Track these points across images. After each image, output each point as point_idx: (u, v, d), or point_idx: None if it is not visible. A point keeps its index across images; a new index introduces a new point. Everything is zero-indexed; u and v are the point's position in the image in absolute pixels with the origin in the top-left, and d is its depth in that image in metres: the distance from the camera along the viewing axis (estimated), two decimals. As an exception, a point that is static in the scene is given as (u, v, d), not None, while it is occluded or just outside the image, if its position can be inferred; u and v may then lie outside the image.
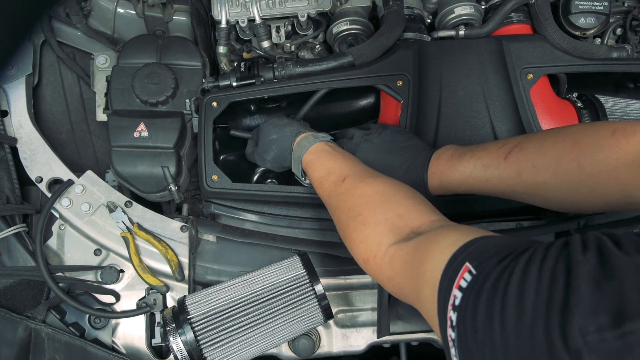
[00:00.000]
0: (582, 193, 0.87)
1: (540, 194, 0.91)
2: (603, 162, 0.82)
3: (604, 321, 0.40)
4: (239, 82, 1.23)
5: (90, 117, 1.48)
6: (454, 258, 0.63)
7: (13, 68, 1.33)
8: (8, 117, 1.30)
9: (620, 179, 0.81)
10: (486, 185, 0.97)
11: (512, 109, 1.19)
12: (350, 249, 0.91)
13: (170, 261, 1.18)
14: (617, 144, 0.81)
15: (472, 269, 0.58)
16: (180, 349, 0.99)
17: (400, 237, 0.81)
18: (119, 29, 1.43)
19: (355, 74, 1.21)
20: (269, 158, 1.16)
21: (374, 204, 0.89)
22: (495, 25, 1.27)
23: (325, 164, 1.03)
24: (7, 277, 1.17)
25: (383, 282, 0.84)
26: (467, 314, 0.54)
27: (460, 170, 1.00)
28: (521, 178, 0.91)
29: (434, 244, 0.70)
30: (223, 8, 1.25)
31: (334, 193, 0.97)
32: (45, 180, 1.26)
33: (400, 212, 0.85)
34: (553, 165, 0.87)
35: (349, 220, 0.90)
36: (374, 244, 0.84)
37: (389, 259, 0.80)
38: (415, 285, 0.71)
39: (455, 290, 0.58)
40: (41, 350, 1.14)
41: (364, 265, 0.87)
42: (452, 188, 1.03)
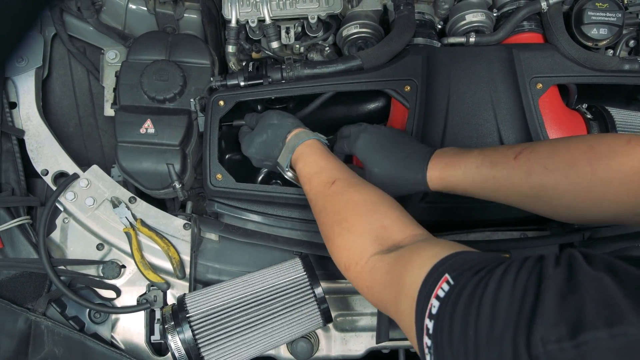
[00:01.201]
0: (591, 199, 0.84)
1: (548, 198, 0.88)
2: (617, 168, 0.80)
3: (563, 332, 0.43)
4: (246, 82, 1.23)
5: (98, 112, 1.49)
6: (434, 269, 0.64)
7: (23, 60, 1.33)
8: (17, 109, 1.30)
9: (633, 187, 0.80)
10: (491, 183, 0.93)
11: (520, 118, 1.18)
12: (332, 253, 0.92)
13: (172, 258, 1.19)
14: (632, 152, 0.80)
15: (450, 280, 0.60)
16: (178, 347, 0.99)
17: (383, 248, 0.82)
18: (130, 24, 1.43)
19: (363, 78, 1.20)
20: (259, 141, 1.13)
21: (361, 211, 0.90)
22: (506, 33, 1.26)
23: (319, 161, 1.03)
24: (9, 268, 1.18)
25: (362, 291, 0.85)
26: (444, 322, 0.56)
27: (466, 163, 0.96)
28: (530, 179, 0.88)
29: (414, 256, 0.72)
30: (233, 7, 1.24)
31: (322, 193, 0.97)
32: (51, 173, 1.26)
33: (385, 223, 0.86)
34: (565, 167, 0.85)
35: (334, 225, 0.91)
36: (357, 251, 0.85)
37: (370, 268, 0.81)
38: (395, 296, 0.73)
39: (433, 299, 0.60)
40: (40, 342, 1.15)
41: (344, 272, 0.88)
42: (453, 182, 0.98)
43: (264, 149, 1.14)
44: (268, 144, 1.13)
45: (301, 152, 1.07)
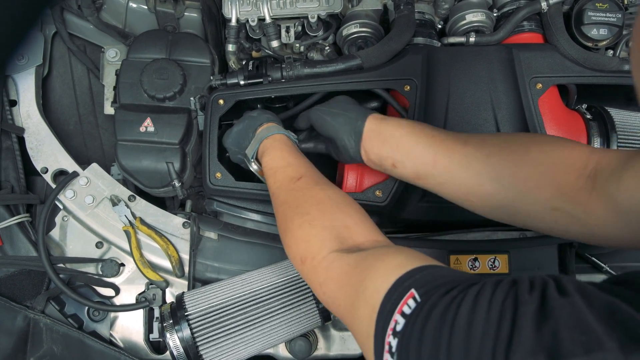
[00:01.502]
0: (515, 191, 0.90)
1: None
2: (540, 160, 0.88)
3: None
4: (246, 81, 1.23)
5: (98, 110, 1.49)
6: (399, 282, 0.62)
7: (23, 58, 1.33)
8: (17, 106, 1.31)
9: (551, 180, 0.87)
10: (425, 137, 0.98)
11: (519, 117, 1.18)
12: (288, 244, 0.89)
13: (171, 257, 1.19)
14: (563, 144, 0.90)
15: (417, 296, 0.57)
16: (176, 346, 0.99)
17: (343, 247, 0.80)
18: (130, 23, 1.44)
19: (363, 77, 1.21)
20: (235, 130, 1.14)
21: (325, 208, 0.88)
22: (506, 33, 1.26)
23: (286, 156, 1.02)
24: (8, 266, 1.18)
25: (314, 287, 0.83)
26: (411, 341, 0.54)
27: (403, 122, 1.02)
28: (469, 168, 0.94)
29: (378, 262, 0.69)
30: (234, 6, 1.25)
31: (286, 187, 0.96)
32: (51, 171, 1.26)
33: (347, 223, 0.85)
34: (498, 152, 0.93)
35: (295, 216, 0.89)
36: (316, 245, 0.83)
37: (327, 263, 0.79)
38: (352, 300, 0.70)
39: (397, 315, 0.58)
40: (39, 340, 1.15)
41: (299, 265, 0.86)
42: (387, 133, 1.02)
43: (237, 139, 1.14)
44: (241, 134, 1.13)
45: (269, 145, 1.06)
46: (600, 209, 0.83)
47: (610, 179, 0.82)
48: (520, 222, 0.94)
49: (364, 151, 1.05)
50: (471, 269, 1.15)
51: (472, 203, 0.96)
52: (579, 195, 0.85)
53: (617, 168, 0.83)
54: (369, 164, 1.07)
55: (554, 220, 0.89)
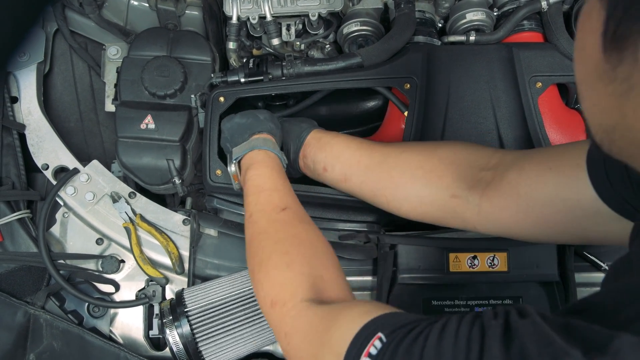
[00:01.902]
0: (419, 180, 1.01)
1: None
2: (440, 153, 1.01)
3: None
4: (247, 79, 1.23)
5: (99, 107, 1.49)
6: (365, 327, 0.62)
7: (25, 55, 1.34)
8: (18, 103, 1.31)
9: (449, 168, 0.97)
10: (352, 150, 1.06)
11: (519, 116, 1.19)
12: (260, 282, 0.86)
13: (171, 254, 1.19)
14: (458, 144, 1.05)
15: (383, 337, 0.58)
16: (176, 342, 1.00)
17: (315, 298, 0.79)
18: (132, 20, 1.44)
19: (363, 75, 1.21)
20: (237, 121, 1.11)
21: (305, 252, 0.86)
22: (507, 32, 1.26)
23: (275, 179, 0.99)
24: (8, 262, 1.18)
25: (279, 335, 0.80)
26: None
27: (341, 134, 1.11)
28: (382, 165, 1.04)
29: (345, 311, 0.69)
30: (235, 4, 1.25)
31: (268, 215, 0.93)
32: (52, 167, 1.27)
33: (323, 275, 0.83)
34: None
35: (274, 253, 0.86)
36: (289, 291, 0.80)
37: (295, 312, 0.77)
38: (316, 351, 0.69)
39: (364, 358, 0.58)
40: (39, 336, 1.15)
41: (267, 307, 0.83)
42: (324, 140, 1.09)
43: (235, 131, 1.10)
44: (240, 128, 1.09)
45: (260, 159, 1.02)
46: (497, 196, 0.90)
47: (511, 168, 0.89)
48: (427, 214, 1.02)
49: (302, 155, 1.12)
50: (470, 266, 1.15)
51: (386, 197, 1.04)
52: (478, 184, 0.93)
53: (518, 160, 0.89)
54: (305, 170, 1.14)
55: (453, 208, 0.96)
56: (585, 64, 0.50)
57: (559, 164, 0.84)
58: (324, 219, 1.22)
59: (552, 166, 0.84)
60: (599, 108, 0.50)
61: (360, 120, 1.39)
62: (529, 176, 0.86)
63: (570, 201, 0.82)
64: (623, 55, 0.44)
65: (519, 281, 1.16)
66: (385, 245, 1.17)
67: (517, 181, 0.87)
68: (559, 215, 0.84)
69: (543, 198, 0.85)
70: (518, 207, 0.88)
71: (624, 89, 0.45)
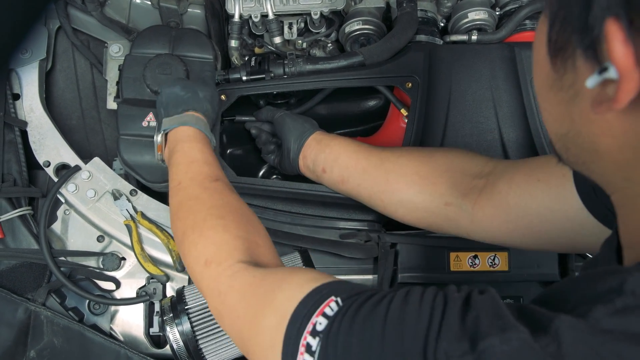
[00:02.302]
0: (414, 188, 1.04)
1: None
2: (436, 160, 1.05)
3: (466, 347, 0.45)
4: (248, 77, 1.23)
5: (101, 105, 1.49)
6: (317, 290, 0.60)
7: (27, 52, 1.34)
8: (20, 100, 1.31)
9: (446, 176, 0.99)
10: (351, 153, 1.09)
11: (521, 116, 1.19)
12: (194, 242, 0.84)
13: (172, 251, 1.19)
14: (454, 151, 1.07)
15: (339, 301, 0.56)
16: (176, 339, 1.00)
17: (251, 261, 0.78)
18: (134, 18, 1.44)
19: (365, 74, 1.21)
20: (176, 90, 1.07)
21: (239, 218, 0.86)
22: (509, 31, 1.26)
23: (207, 154, 0.98)
24: (10, 258, 1.18)
25: (212, 294, 0.78)
26: (338, 337, 0.53)
27: (341, 137, 1.13)
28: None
29: (290, 276, 0.67)
30: (237, 2, 1.25)
31: (201, 183, 0.92)
32: (53, 164, 1.27)
33: (258, 241, 0.83)
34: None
35: (209, 217, 0.85)
36: (225, 251, 0.79)
37: (232, 272, 0.75)
38: (255, 311, 0.67)
39: (318, 317, 0.56)
40: (40, 332, 1.15)
41: (201, 266, 0.80)
42: (325, 142, 1.12)
43: (172, 100, 1.06)
44: (178, 100, 1.05)
45: (192, 135, 1.00)
46: (489, 205, 0.92)
47: (502, 178, 0.92)
48: (421, 220, 1.04)
49: (303, 156, 1.15)
50: (471, 266, 1.15)
51: (382, 201, 1.06)
52: (471, 192, 0.96)
53: (509, 169, 0.92)
54: (304, 170, 1.16)
55: (446, 215, 0.99)
56: (539, 75, 0.53)
57: (547, 176, 0.86)
58: (325, 218, 1.22)
59: (540, 177, 0.87)
60: (553, 117, 0.53)
61: (361, 119, 1.40)
62: (518, 186, 0.89)
63: (558, 212, 0.84)
64: (566, 64, 0.47)
65: (520, 281, 1.16)
66: (386, 244, 1.17)
67: (507, 192, 0.90)
68: (547, 225, 0.87)
69: (531, 209, 0.87)
70: (508, 217, 0.90)
71: (570, 95, 0.48)
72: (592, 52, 0.43)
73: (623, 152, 0.46)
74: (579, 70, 0.46)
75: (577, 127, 0.49)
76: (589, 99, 0.45)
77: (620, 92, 0.41)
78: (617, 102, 0.42)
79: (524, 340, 0.43)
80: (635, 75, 0.40)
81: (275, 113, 1.23)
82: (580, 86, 0.46)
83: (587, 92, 0.45)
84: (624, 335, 0.41)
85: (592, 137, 0.48)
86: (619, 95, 0.41)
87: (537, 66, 0.53)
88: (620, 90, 0.41)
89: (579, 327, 0.42)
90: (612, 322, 0.42)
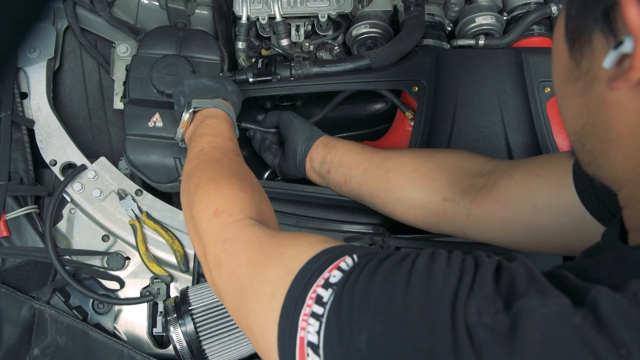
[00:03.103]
0: (413, 185, 1.05)
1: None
2: (436, 159, 1.06)
3: (500, 306, 0.43)
4: (255, 79, 1.23)
5: (107, 105, 1.50)
6: (329, 250, 0.57)
7: (35, 51, 1.35)
8: (27, 99, 1.32)
9: (444, 173, 1.01)
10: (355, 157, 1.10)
11: (527, 121, 1.18)
12: (206, 193, 0.83)
13: (176, 252, 1.19)
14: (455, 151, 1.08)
15: (355, 257, 0.53)
16: (179, 340, 1.00)
17: (261, 221, 0.77)
18: (142, 19, 1.44)
19: (372, 78, 1.21)
20: (204, 81, 1.09)
21: (253, 187, 0.86)
22: (516, 36, 1.26)
23: (233, 135, 1.01)
24: (15, 256, 1.19)
25: (215, 242, 0.75)
26: (356, 286, 0.49)
27: (347, 141, 1.15)
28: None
29: (302, 236, 0.65)
30: (244, 4, 1.25)
31: (222, 151, 0.93)
32: (59, 163, 1.27)
33: (269, 216, 0.83)
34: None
35: (227, 176, 0.85)
36: (238, 205, 0.78)
37: (242, 224, 0.74)
38: (260, 261, 0.64)
39: (332, 272, 0.52)
40: (44, 331, 1.16)
41: (210, 216, 0.79)
42: (331, 144, 1.14)
43: (199, 88, 1.08)
44: (207, 88, 1.08)
45: (222, 114, 1.03)
46: (486, 202, 0.92)
47: (502, 176, 0.92)
48: (419, 217, 1.04)
49: (309, 158, 1.16)
50: (475, 271, 1.15)
51: (382, 199, 1.07)
52: (470, 189, 0.96)
53: (509, 168, 0.92)
54: (309, 173, 1.19)
55: (444, 212, 0.99)
56: (558, 70, 0.53)
57: (547, 171, 0.86)
58: (330, 220, 1.22)
59: (540, 173, 0.87)
60: (571, 112, 0.53)
61: (368, 122, 1.40)
62: (517, 182, 0.89)
63: (555, 208, 0.84)
64: (583, 50, 0.47)
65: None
66: (390, 247, 1.17)
67: (506, 188, 0.90)
68: (544, 221, 0.86)
69: (530, 204, 0.87)
70: (506, 212, 0.90)
71: (587, 83, 0.48)
72: (608, 27, 0.44)
73: (635, 135, 0.47)
74: (596, 54, 0.46)
75: (593, 117, 0.49)
76: (604, 82, 0.45)
77: (636, 58, 0.41)
78: (633, 70, 0.41)
79: (565, 306, 0.42)
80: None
81: (280, 115, 1.24)
82: (597, 70, 0.46)
83: (604, 75, 0.46)
84: None
85: (605, 124, 0.48)
86: (635, 61, 0.41)
87: (556, 61, 0.53)
88: (636, 56, 0.41)
89: (617, 298, 0.41)
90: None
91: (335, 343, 0.48)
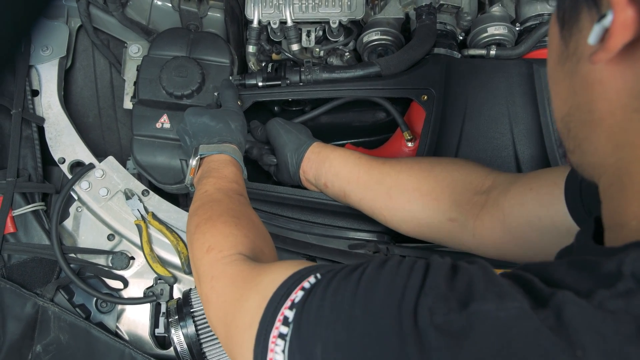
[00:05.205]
0: (418, 204, 1.04)
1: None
2: (438, 174, 1.05)
3: (453, 305, 0.42)
4: (264, 83, 1.23)
5: (118, 104, 1.51)
6: (297, 273, 0.59)
7: (48, 49, 1.36)
8: (38, 96, 1.33)
9: (447, 192, 1.01)
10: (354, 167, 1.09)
11: (537, 134, 1.17)
12: (203, 232, 0.86)
13: (181, 253, 1.19)
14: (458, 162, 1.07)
15: (317, 275, 0.55)
16: (180, 342, 1.00)
17: (252, 258, 0.79)
18: (154, 20, 1.45)
19: (381, 85, 1.21)
20: (206, 121, 1.08)
21: (254, 229, 0.88)
22: (528, 47, 1.25)
23: (239, 177, 1.03)
24: (21, 253, 1.20)
25: (204, 279, 0.79)
26: (312, 304, 0.51)
27: (339, 149, 1.14)
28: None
29: (279, 263, 0.68)
30: (256, 8, 1.25)
31: (226, 192, 0.96)
32: (68, 161, 1.28)
33: (264, 250, 0.85)
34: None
35: (225, 214, 0.88)
36: (230, 242, 0.81)
37: (229, 260, 0.77)
38: (241, 294, 0.67)
39: (297, 293, 0.54)
40: (47, 328, 1.16)
41: (202, 253, 0.82)
42: (325, 153, 1.13)
43: (202, 130, 1.08)
44: (210, 130, 1.08)
45: (229, 159, 1.05)
46: (489, 220, 0.93)
47: (501, 192, 0.92)
48: (425, 234, 1.05)
49: (303, 171, 1.15)
50: (479, 283, 1.14)
51: (385, 217, 1.08)
52: (473, 208, 0.96)
53: (507, 183, 0.93)
54: (306, 184, 1.17)
55: (449, 231, 0.99)
56: (551, 54, 0.54)
57: (539, 185, 0.86)
58: (334, 227, 1.21)
59: (533, 187, 0.87)
60: (560, 97, 0.53)
61: (373, 130, 1.39)
62: (512, 197, 0.90)
63: (544, 219, 0.84)
64: (572, 30, 0.49)
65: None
66: (394, 256, 1.16)
67: (502, 203, 0.91)
68: (535, 234, 0.86)
69: (523, 217, 0.87)
70: (503, 227, 0.90)
71: (574, 64, 0.49)
72: (593, 2, 0.45)
73: (615, 115, 0.47)
74: (583, 32, 0.47)
75: (578, 100, 0.50)
76: (589, 59, 0.46)
77: (614, 27, 0.42)
78: (611, 37, 0.42)
79: (523, 310, 0.41)
80: (627, 9, 0.41)
81: (265, 126, 1.22)
82: (583, 49, 0.47)
83: (588, 52, 0.46)
84: (629, 316, 0.39)
85: (589, 105, 0.49)
86: (613, 28, 0.42)
87: (550, 46, 0.54)
88: (614, 25, 0.42)
89: (582, 303, 0.40)
90: (616, 304, 0.40)
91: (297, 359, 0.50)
